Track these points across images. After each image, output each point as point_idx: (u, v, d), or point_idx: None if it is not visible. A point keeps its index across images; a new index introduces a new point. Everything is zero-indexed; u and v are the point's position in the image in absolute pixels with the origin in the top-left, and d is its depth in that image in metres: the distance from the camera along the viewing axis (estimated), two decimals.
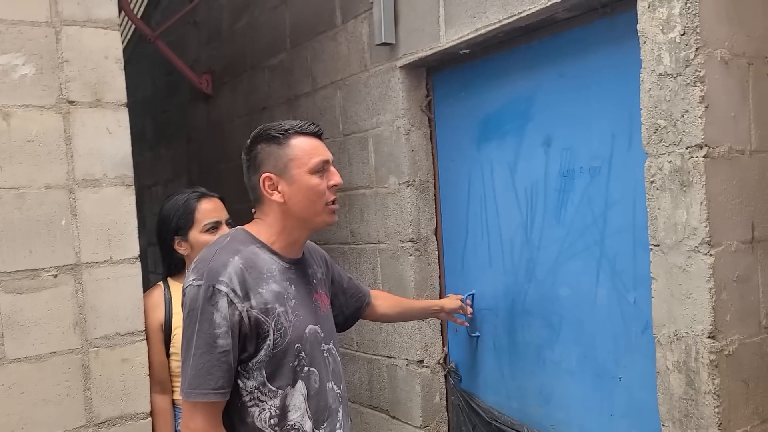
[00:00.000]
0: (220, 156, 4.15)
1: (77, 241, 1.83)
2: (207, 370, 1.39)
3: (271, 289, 1.47)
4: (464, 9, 2.24)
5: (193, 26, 4.38)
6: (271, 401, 1.47)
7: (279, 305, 1.47)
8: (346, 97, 2.86)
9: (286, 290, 1.51)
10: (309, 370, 1.51)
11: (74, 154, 1.84)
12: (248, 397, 1.46)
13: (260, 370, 1.45)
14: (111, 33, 1.90)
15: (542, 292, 2.22)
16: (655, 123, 1.68)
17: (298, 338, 1.49)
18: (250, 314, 1.42)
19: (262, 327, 1.44)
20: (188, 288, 1.45)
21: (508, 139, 2.31)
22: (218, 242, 1.53)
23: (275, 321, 1.45)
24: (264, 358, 1.45)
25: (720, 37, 1.61)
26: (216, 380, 1.40)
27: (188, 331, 1.43)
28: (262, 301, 1.45)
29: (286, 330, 1.47)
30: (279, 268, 1.52)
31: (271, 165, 1.52)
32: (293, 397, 1.48)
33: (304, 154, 1.52)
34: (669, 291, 1.68)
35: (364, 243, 2.82)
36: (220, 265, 1.43)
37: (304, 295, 1.57)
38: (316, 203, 1.52)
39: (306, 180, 1.51)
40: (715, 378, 1.59)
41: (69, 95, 1.83)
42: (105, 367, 1.85)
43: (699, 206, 1.60)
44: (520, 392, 2.33)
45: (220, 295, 1.40)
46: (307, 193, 1.51)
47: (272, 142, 1.52)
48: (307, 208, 1.52)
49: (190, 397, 1.40)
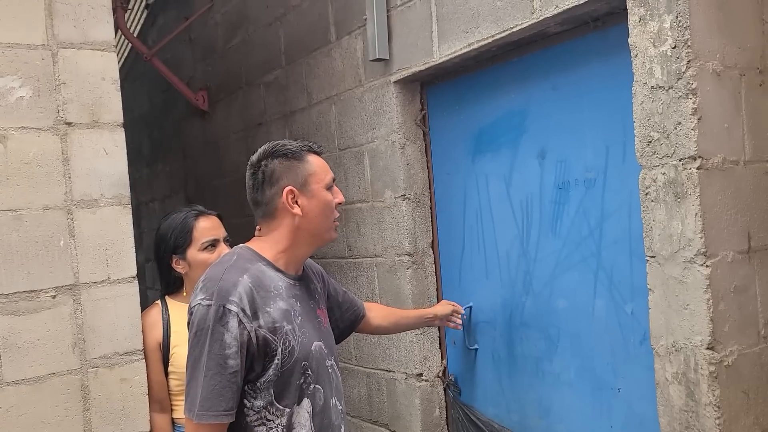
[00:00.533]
0: (216, 172, 4.16)
1: (75, 261, 1.82)
2: (218, 391, 1.39)
3: (278, 307, 1.48)
4: (457, 24, 2.26)
5: (189, 43, 4.41)
6: (279, 420, 1.46)
7: (286, 323, 1.48)
8: (342, 112, 2.88)
9: (293, 307, 1.52)
10: (315, 387, 1.52)
11: (72, 175, 1.84)
12: (255, 417, 1.45)
13: (268, 390, 1.45)
14: (107, 54, 1.91)
15: (540, 304, 2.22)
16: (648, 135, 1.70)
17: (305, 356, 1.50)
18: (259, 333, 1.42)
19: (270, 346, 1.44)
20: (196, 307, 1.43)
21: (503, 151, 2.32)
22: (225, 261, 1.52)
23: (283, 339, 1.46)
24: (272, 377, 1.45)
25: (711, 50, 1.63)
26: (227, 402, 1.39)
27: (196, 351, 1.41)
28: (270, 319, 1.45)
29: (293, 348, 1.47)
30: (285, 285, 1.53)
31: (292, 179, 1.54)
32: (299, 414, 1.49)
33: (321, 170, 1.57)
34: (666, 302, 1.68)
35: (361, 257, 2.83)
36: (230, 284, 1.43)
37: (308, 311, 1.58)
38: (329, 218, 1.57)
39: (324, 195, 1.56)
40: (715, 389, 1.60)
41: (66, 117, 1.84)
42: (104, 387, 1.84)
43: (694, 217, 1.61)
44: (519, 404, 2.32)
45: (230, 315, 1.40)
46: (324, 208, 1.56)
47: (291, 158, 1.55)
48: (321, 223, 1.56)
49: (202, 419, 1.38)
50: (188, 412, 1.41)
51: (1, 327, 1.72)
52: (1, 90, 1.76)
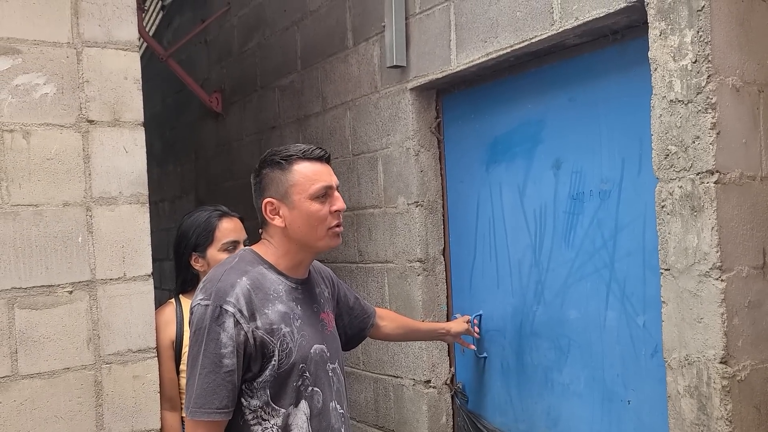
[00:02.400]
0: (227, 174, 4.18)
1: (93, 258, 1.84)
2: (212, 389, 1.41)
3: (277, 310, 1.49)
4: (475, 33, 2.27)
5: (204, 45, 4.44)
6: (274, 420, 1.48)
7: (285, 325, 1.49)
8: (356, 117, 2.89)
9: (293, 310, 1.53)
10: (313, 389, 1.53)
11: (92, 173, 1.86)
12: (251, 416, 1.48)
13: (264, 390, 1.47)
14: (131, 54, 1.94)
15: (551, 313, 2.22)
16: (666, 148, 1.71)
17: (302, 358, 1.51)
18: (256, 335, 1.44)
19: (267, 347, 1.46)
20: (196, 307, 1.47)
21: (518, 161, 2.33)
22: (226, 263, 1.55)
23: (280, 341, 1.47)
24: (269, 378, 1.47)
25: (731, 65, 1.64)
26: (221, 399, 1.42)
27: (194, 350, 1.45)
28: (267, 321, 1.47)
29: (291, 350, 1.49)
30: (286, 289, 1.54)
31: (273, 190, 1.54)
32: (296, 416, 1.50)
33: (305, 180, 1.53)
34: (680, 315, 1.69)
35: (371, 262, 2.84)
36: (228, 285, 1.46)
37: (310, 314, 1.59)
38: (317, 228, 1.53)
39: (306, 206, 1.52)
40: (728, 403, 1.60)
41: (88, 115, 1.86)
42: (117, 383, 1.85)
43: (710, 231, 1.61)
44: (527, 414, 2.32)
45: (227, 315, 1.42)
46: (308, 219, 1.53)
47: (276, 168, 1.54)
48: (308, 234, 1.54)
49: (195, 416, 1.42)
50: (185, 410, 1.45)
51: (19, 320, 1.74)
52: (26, 86, 1.78)
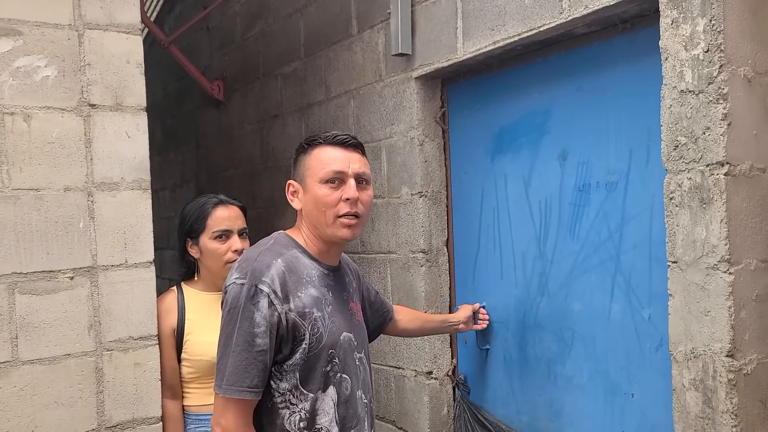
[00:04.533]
0: (229, 162, 4.15)
1: (94, 243, 1.82)
2: (244, 368, 1.42)
3: (309, 294, 1.50)
4: (483, 21, 2.25)
5: (206, 32, 4.40)
6: (302, 404, 1.49)
7: (317, 310, 1.50)
8: (360, 106, 2.87)
9: (324, 296, 1.54)
10: (341, 376, 1.54)
11: (93, 157, 1.84)
12: (279, 399, 1.48)
13: (294, 373, 1.48)
14: (133, 37, 1.92)
15: (554, 306, 2.21)
16: (676, 139, 1.68)
17: (332, 344, 1.52)
18: (289, 317, 1.45)
19: (298, 330, 1.46)
20: (231, 286, 1.47)
21: (523, 152, 2.31)
22: (262, 244, 1.57)
23: (312, 325, 1.48)
24: (299, 361, 1.47)
25: (744, 55, 1.62)
26: (252, 378, 1.42)
27: (228, 329, 1.45)
28: (300, 304, 1.47)
29: (321, 334, 1.50)
30: (318, 274, 1.56)
31: (295, 173, 1.61)
32: (323, 401, 1.50)
33: (318, 164, 1.55)
34: (686, 308, 1.67)
35: (374, 253, 2.82)
36: (263, 266, 1.47)
37: (340, 302, 1.60)
38: (324, 214, 1.54)
39: (315, 189, 1.54)
40: (733, 397, 1.58)
41: (90, 98, 1.84)
42: (118, 370, 1.84)
43: (719, 224, 1.59)
44: (529, 406, 2.31)
45: (261, 295, 1.43)
46: (316, 203, 1.54)
47: (301, 152, 1.60)
48: (317, 218, 1.55)
49: (227, 393, 1.42)
50: (216, 387, 1.45)
51: (19, 306, 1.73)
52: (27, 69, 1.76)
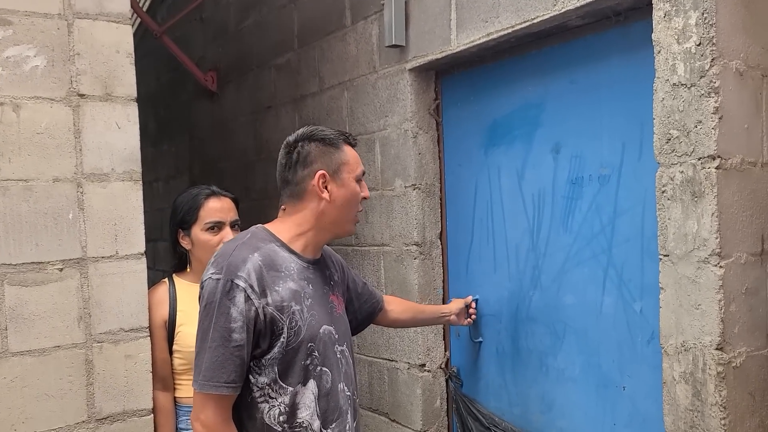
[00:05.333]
0: (222, 154, 4.13)
1: (84, 235, 1.81)
2: (220, 363, 1.41)
3: (288, 288, 1.49)
4: (476, 13, 2.23)
5: (200, 23, 4.37)
6: (282, 398, 1.48)
7: (295, 303, 1.49)
8: (354, 98, 2.85)
9: (303, 289, 1.53)
10: (321, 369, 1.53)
11: (83, 148, 1.82)
12: (258, 393, 1.48)
13: (272, 367, 1.47)
14: (123, 27, 1.90)
15: (547, 299, 2.21)
16: (668, 133, 1.68)
17: (311, 337, 1.51)
18: (266, 311, 1.44)
19: (276, 324, 1.46)
20: (207, 281, 1.47)
21: (517, 144, 2.30)
22: (239, 238, 1.55)
23: (290, 319, 1.47)
24: (277, 355, 1.47)
25: (735, 49, 1.61)
26: (228, 374, 1.42)
27: (204, 324, 1.45)
28: (278, 298, 1.47)
29: (300, 328, 1.49)
30: (298, 267, 1.54)
31: (325, 164, 1.56)
32: (304, 395, 1.50)
33: (355, 162, 1.59)
34: (677, 301, 1.67)
35: (368, 245, 2.82)
36: (239, 260, 1.45)
37: (321, 295, 1.59)
38: (352, 210, 1.59)
39: (353, 186, 1.58)
40: (722, 390, 1.59)
41: (79, 88, 1.82)
42: (108, 362, 1.83)
43: (710, 217, 1.59)
44: (521, 399, 2.32)
45: (237, 290, 1.42)
46: (350, 198, 1.58)
47: (328, 144, 1.57)
48: (344, 213, 1.58)
49: (203, 389, 1.42)
50: (194, 383, 1.45)
51: (8, 297, 1.72)
52: (16, 58, 1.74)
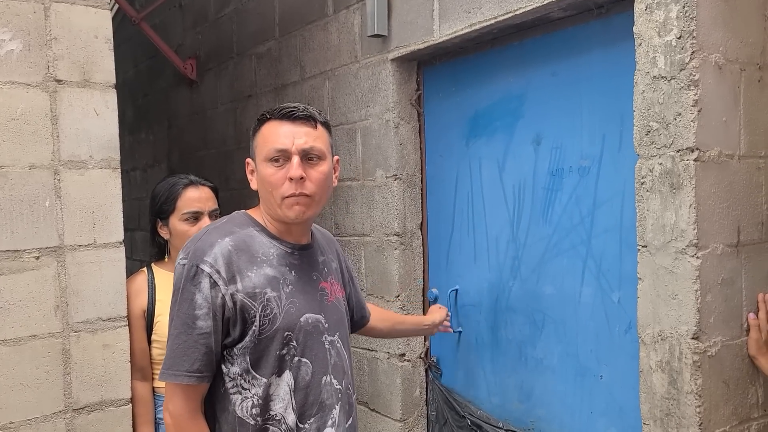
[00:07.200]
0: (201, 143, 4.09)
1: (61, 223, 1.78)
2: (183, 351, 1.37)
3: (263, 273, 1.43)
4: (459, 4, 2.23)
5: (179, 10, 4.31)
6: (254, 390, 1.42)
7: (270, 290, 1.43)
8: (335, 87, 2.84)
9: (284, 276, 1.46)
10: (300, 360, 1.45)
11: (60, 135, 1.79)
12: (231, 384, 1.42)
13: (244, 356, 1.41)
14: (101, 12, 1.86)
15: (527, 289, 2.23)
16: (648, 125, 1.70)
17: (289, 326, 1.44)
18: (236, 298, 1.39)
19: (248, 312, 1.39)
20: (176, 267, 1.45)
21: (498, 136, 2.31)
22: (213, 223, 1.53)
23: (263, 306, 1.41)
24: (249, 344, 1.41)
25: (715, 42, 1.63)
26: (191, 362, 1.36)
27: (173, 311, 1.42)
28: (250, 284, 1.40)
29: (275, 316, 1.42)
30: (278, 253, 1.48)
31: (251, 151, 1.53)
32: (278, 387, 1.43)
33: (263, 142, 1.47)
34: (655, 291, 1.70)
35: (348, 235, 2.81)
36: (206, 245, 1.41)
37: (307, 281, 1.51)
38: (272, 194, 1.46)
39: (262, 169, 1.47)
40: (698, 378, 1.62)
41: (56, 74, 1.78)
42: (86, 352, 1.81)
43: (688, 209, 1.62)
44: (500, 388, 2.34)
45: (202, 276, 1.37)
46: (262, 183, 1.47)
47: (254, 128, 1.52)
48: (267, 199, 1.48)
49: (163, 378, 1.39)
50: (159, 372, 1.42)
51: None
52: None
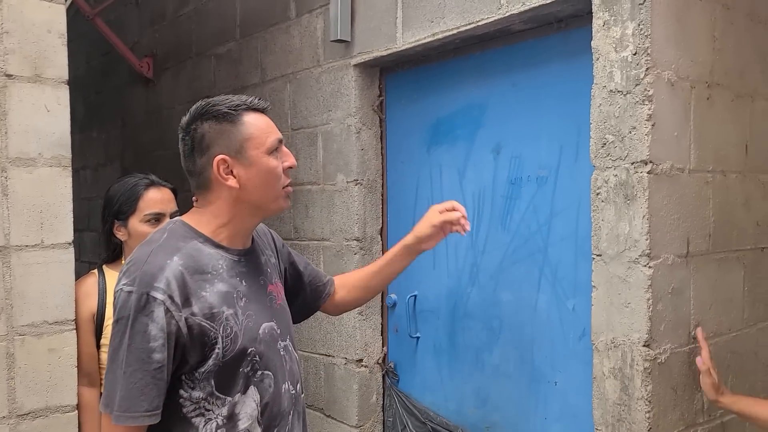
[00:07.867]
0: (157, 142, 4.00)
1: (7, 222, 1.71)
2: (140, 389, 1.24)
3: (217, 291, 1.33)
4: (423, 13, 2.25)
5: (135, 7, 4.21)
6: (219, 410, 1.33)
7: (227, 307, 1.33)
8: (297, 91, 2.82)
9: (236, 288, 1.37)
10: (263, 373, 1.38)
11: (8, 131, 1.72)
12: (192, 408, 1.32)
13: (208, 380, 1.32)
14: (55, 6, 1.81)
15: (484, 295, 2.26)
16: (604, 137, 1.75)
17: (250, 341, 1.36)
18: (191, 322, 1.27)
19: (207, 335, 1.29)
20: (118, 293, 1.29)
21: (459, 144, 2.34)
22: (154, 239, 1.35)
23: (223, 327, 1.32)
24: (212, 368, 1.31)
25: (668, 59, 1.69)
26: (150, 401, 1.25)
27: (115, 341, 1.27)
28: (206, 305, 1.30)
29: (236, 335, 1.34)
30: (227, 264, 1.37)
31: (224, 146, 1.35)
32: (244, 404, 1.35)
33: (261, 133, 1.36)
34: (609, 300, 1.74)
35: (307, 239, 2.79)
36: (156, 268, 1.27)
37: (256, 289, 1.43)
38: (274, 187, 1.38)
39: (265, 162, 1.36)
40: (648, 384, 1.67)
41: (7, 68, 1.71)
42: (31, 356, 1.74)
43: (641, 219, 1.67)
44: (457, 394, 2.36)
45: (155, 304, 1.25)
46: (266, 177, 1.37)
47: (223, 120, 1.35)
48: (265, 194, 1.38)
49: (119, 421, 1.24)
50: (106, 408, 1.27)
51: None
52: None
